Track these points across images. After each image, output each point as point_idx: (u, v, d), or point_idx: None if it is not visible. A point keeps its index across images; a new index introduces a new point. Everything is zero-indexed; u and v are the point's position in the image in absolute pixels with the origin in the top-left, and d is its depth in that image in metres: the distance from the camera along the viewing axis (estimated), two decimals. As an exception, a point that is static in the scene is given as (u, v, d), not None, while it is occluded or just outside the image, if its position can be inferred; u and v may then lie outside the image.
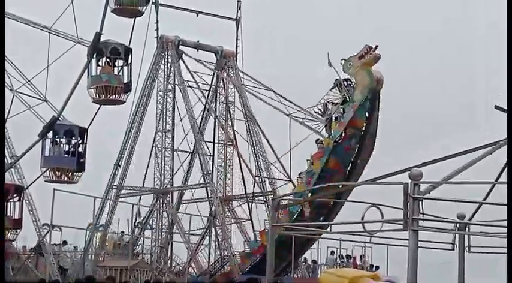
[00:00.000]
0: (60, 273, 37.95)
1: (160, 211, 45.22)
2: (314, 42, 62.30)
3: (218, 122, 45.01)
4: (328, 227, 13.05)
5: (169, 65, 44.97)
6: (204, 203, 45.51)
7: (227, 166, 46.68)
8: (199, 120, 45.63)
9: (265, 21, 63.99)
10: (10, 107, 39.07)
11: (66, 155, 40.14)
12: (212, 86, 45.69)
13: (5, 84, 39.12)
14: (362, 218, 9.78)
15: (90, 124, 39.43)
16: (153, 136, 45.36)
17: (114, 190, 45.85)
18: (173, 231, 45.24)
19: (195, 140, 44.77)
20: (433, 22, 70.63)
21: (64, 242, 41.54)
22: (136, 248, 43.77)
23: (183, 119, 44.80)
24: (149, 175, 45.68)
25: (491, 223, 10.81)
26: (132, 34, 39.42)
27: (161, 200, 45.44)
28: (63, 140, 40.28)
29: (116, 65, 40.87)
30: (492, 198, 11.21)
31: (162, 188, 45.03)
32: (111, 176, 45.80)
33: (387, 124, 38.41)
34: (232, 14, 47.12)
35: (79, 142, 40.20)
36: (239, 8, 47.18)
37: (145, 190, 46.10)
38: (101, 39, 37.53)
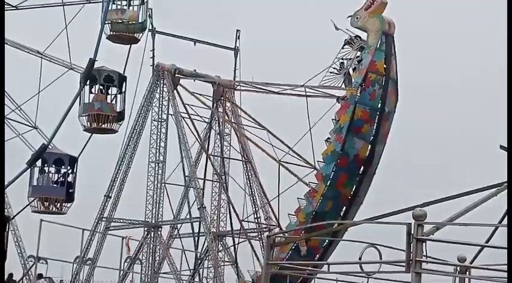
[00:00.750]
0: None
1: (151, 245, 44.94)
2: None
3: (210, 160, 44.71)
4: (323, 266, 12.82)
5: (164, 94, 44.91)
6: (191, 239, 45.11)
7: (221, 201, 46.50)
8: (194, 151, 45.64)
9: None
10: (-1, 134, 39.02)
11: (55, 185, 39.92)
12: (207, 120, 45.57)
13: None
14: (360, 258, 9.59)
15: (80, 153, 39.18)
16: (146, 167, 45.25)
17: (103, 222, 45.63)
18: (161, 270, 45.05)
19: (185, 174, 44.50)
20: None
21: (39, 275, 40.82)
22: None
23: (176, 151, 44.70)
24: (140, 207, 45.58)
25: (493, 267, 10.60)
26: (127, 61, 39.45)
27: (152, 234, 45.24)
28: (52, 169, 40.09)
29: (110, 93, 40.83)
30: (495, 241, 11.02)
31: (154, 221, 44.80)
32: (100, 208, 45.53)
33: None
34: (230, 44, 47.33)
35: (69, 171, 39.99)
36: (238, 38, 47.31)
37: (136, 223, 45.88)
38: (95, 66, 37.48)
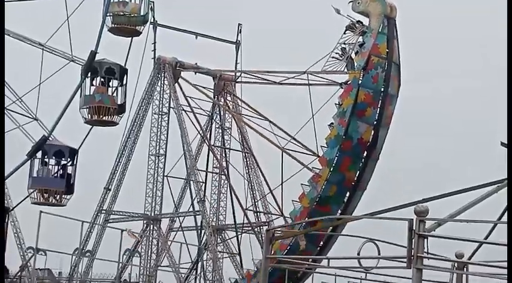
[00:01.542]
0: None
1: (150, 238, 45.15)
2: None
3: (212, 151, 44.93)
4: (321, 261, 13.04)
5: (165, 87, 45.11)
6: (192, 232, 45.39)
7: (221, 194, 46.74)
8: (194, 144, 45.86)
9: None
10: (-1, 125, 39.20)
11: (55, 176, 40.05)
12: (208, 112, 45.75)
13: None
14: (358, 253, 9.71)
15: (81, 145, 39.41)
16: (146, 160, 45.50)
17: (103, 214, 45.81)
18: (161, 263, 45.31)
19: (187, 166, 44.75)
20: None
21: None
22: (122, 275, 43.60)
23: (175, 144, 44.95)
24: (140, 200, 45.80)
25: (490, 263, 10.74)
26: (129, 54, 39.64)
27: (151, 227, 45.44)
28: (52, 161, 40.18)
29: (111, 86, 41.00)
30: (493, 237, 11.13)
31: (154, 215, 45.02)
32: (100, 200, 45.76)
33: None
34: (232, 36, 47.50)
35: (69, 163, 40.08)
36: (240, 32, 47.43)
37: (135, 216, 46.09)
38: (96, 58, 37.61)
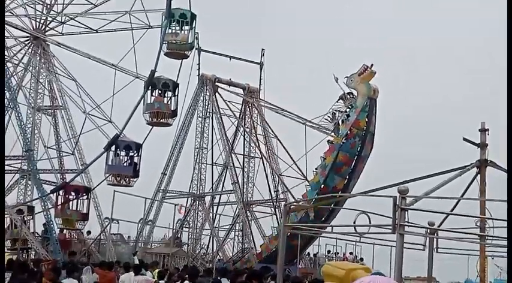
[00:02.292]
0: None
1: (196, 211, 45.48)
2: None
3: (247, 137, 45.38)
4: (326, 228, 13.05)
5: (207, 97, 45.60)
6: (232, 206, 45.87)
7: (251, 176, 47.03)
8: (231, 140, 46.28)
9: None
10: (83, 126, 39.49)
11: (125, 164, 40.26)
12: (241, 111, 46.23)
13: (79, 107, 39.55)
14: (354, 222, 9.75)
15: (144, 141, 39.51)
16: (193, 151, 45.83)
17: (160, 193, 46.13)
18: (205, 228, 45.55)
19: (225, 156, 45.08)
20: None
21: (88, 232, 40.61)
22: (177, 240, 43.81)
23: (218, 140, 45.44)
24: (187, 182, 46.20)
25: (455, 229, 10.76)
26: (180, 72, 39.72)
27: (197, 202, 45.74)
28: (123, 153, 40.30)
29: (166, 96, 41.17)
30: (458, 210, 11.12)
31: (199, 193, 45.40)
32: (158, 182, 46.18)
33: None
34: (257, 59, 47.75)
35: (135, 155, 40.31)
36: (263, 55, 47.73)
37: (185, 194, 46.34)
38: (155, 75, 37.81)
